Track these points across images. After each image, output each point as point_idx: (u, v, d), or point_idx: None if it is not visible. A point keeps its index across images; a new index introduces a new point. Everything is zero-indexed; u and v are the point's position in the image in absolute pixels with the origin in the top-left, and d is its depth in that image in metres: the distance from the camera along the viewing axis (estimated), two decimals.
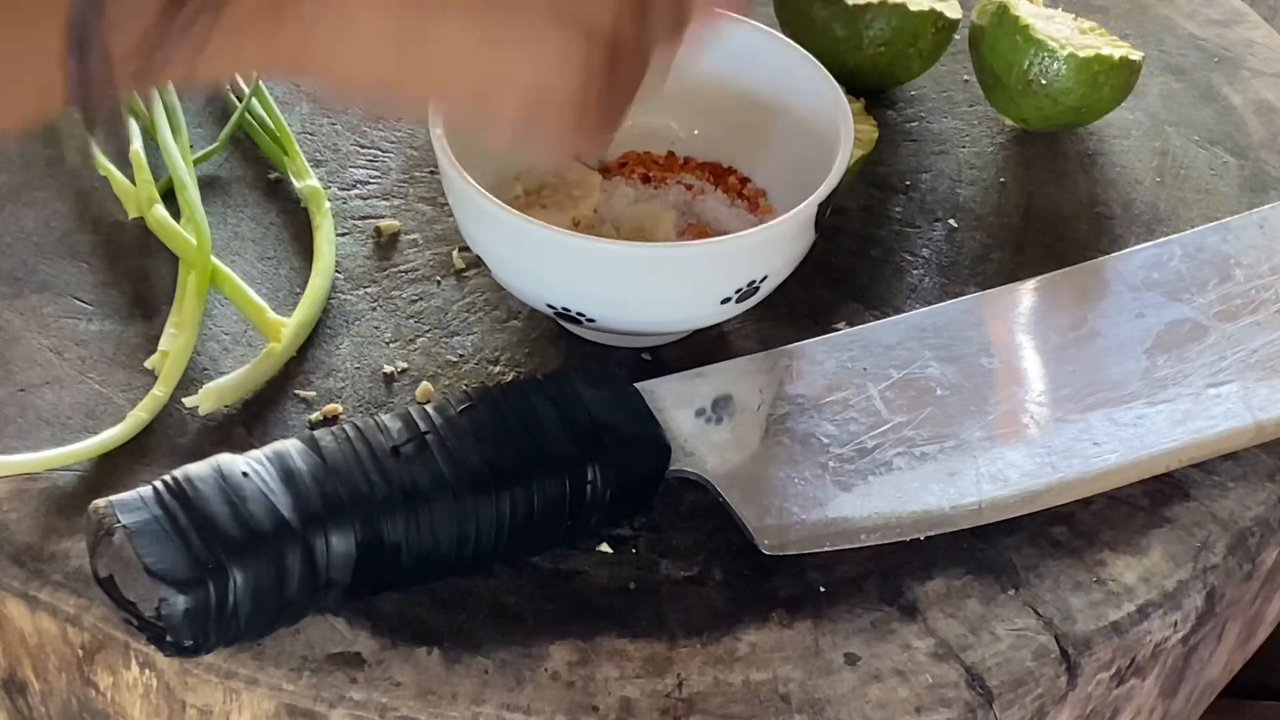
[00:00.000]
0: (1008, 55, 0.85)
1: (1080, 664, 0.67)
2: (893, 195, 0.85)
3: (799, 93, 0.77)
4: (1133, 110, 0.91)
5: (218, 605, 0.60)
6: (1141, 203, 0.87)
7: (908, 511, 0.69)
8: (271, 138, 0.84)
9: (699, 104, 0.80)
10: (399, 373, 0.75)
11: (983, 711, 0.65)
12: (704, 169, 0.80)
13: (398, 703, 0.63)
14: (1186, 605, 0.70)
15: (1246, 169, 0.89)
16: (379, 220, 0.82)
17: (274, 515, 0.61)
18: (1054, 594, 0.69)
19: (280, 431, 0.72)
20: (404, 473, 0.64)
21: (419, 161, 0.85)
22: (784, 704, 0.64)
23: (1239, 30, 0.98)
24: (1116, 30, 0.92)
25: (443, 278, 0.79)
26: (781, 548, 0.68)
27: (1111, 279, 0.79)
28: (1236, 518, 0.72)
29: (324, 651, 0.64)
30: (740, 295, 0.71)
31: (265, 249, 0.80)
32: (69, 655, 0.66)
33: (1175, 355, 0.76)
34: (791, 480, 0.70)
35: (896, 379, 0.74)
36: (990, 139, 0.90)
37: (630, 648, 0.65)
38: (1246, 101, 0.93)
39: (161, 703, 0.65)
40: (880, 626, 0.67)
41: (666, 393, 0.71)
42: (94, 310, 0.76)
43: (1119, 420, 0.73)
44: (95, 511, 0.62)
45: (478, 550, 0.65)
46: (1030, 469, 0.71)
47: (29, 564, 0.66)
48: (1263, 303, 0.78)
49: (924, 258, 0.83)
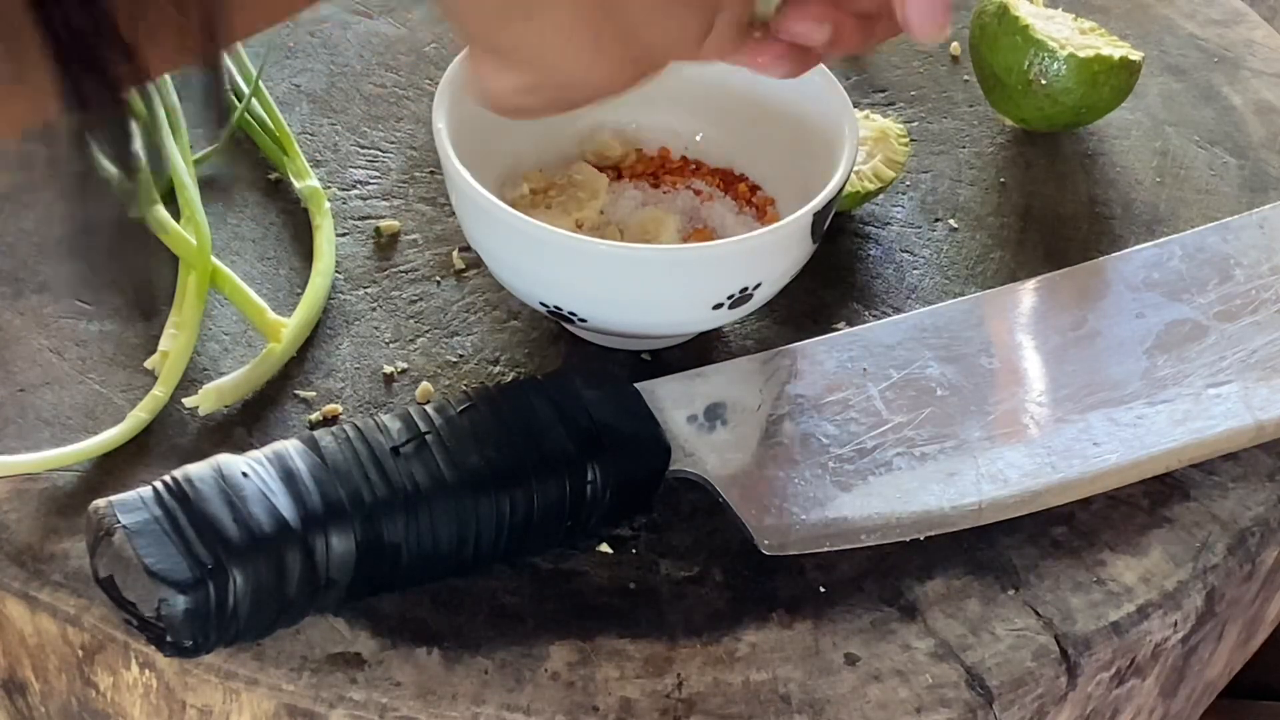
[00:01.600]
0: (1008, 55, 0.85)
1: (1080, 664, 0.67)
2: (893, 195, 0.85)
3: (808, 101, 0.77)
4: (1133, 110, 0.91)
5: (218, 605, 0.60)
6: (1141, 203, 0.87)
7: (908, 511, 0.69)
8: (271, 138, 0.84)
9: (711, 110, 0.80)
10: (399, 373, 0.75)
11: (983, 711, 0.65)
12: (715, 175, 0.80)
13: (398, 703, 0.63)
14: (1186, 605, 0.70)
15: (1246, 169, 0.89)
16: (379, 220, 0.82)
17: (274, 515, 0.61)
18: (1054, 594, 0.69)
19: (280, 431, 0.72)
20: (404, 473, 0.64)
21: (419, 161, 0.85)
22: (784, 704, 0.64)
23: (1239, 30, 0.98)
24: (1116, 30, 0.92)
25: (443, 278, 0.79)
26: (781, 548, 0.68)
27: (1111, 279, 0.79)
28: (1236, 518, 0.72)
29: (324, 651, 0.64)
30: (733, 301, 0.71)
31: (265, 249, 0.80)
32: (69, 655, 0.66)
33: (1175, 355, 0.76)
34: (791, 480, 0.70)
35: (896, 379, 0.74)
36: (990, 139, 0.90)
37: (630, 648, 0.65)
38: (1246, 101, 0.93)
39: (161, 703, 0.65)
40: (880, 626, 0.67)
41: (666, 393, 0.71)
42: (94, 310, 0.76)
43: (1119, 420, 0.73)
44: (95, 511, 0.62)
45: (478, 550, 0.65)
46: (1030, 469, 0.71)
47: (29, 564, 0.66)
48: (1263, 303, 0.78)
49: (924, 258, 0.83)
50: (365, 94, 0.89)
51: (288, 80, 0.89)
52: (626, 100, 0.80)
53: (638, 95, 0.80)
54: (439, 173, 0.84)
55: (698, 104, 0.81)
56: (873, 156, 0.82)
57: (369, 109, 0.88)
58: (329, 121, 0.87)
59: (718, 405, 0.71)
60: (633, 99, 0.80)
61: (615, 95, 0.62)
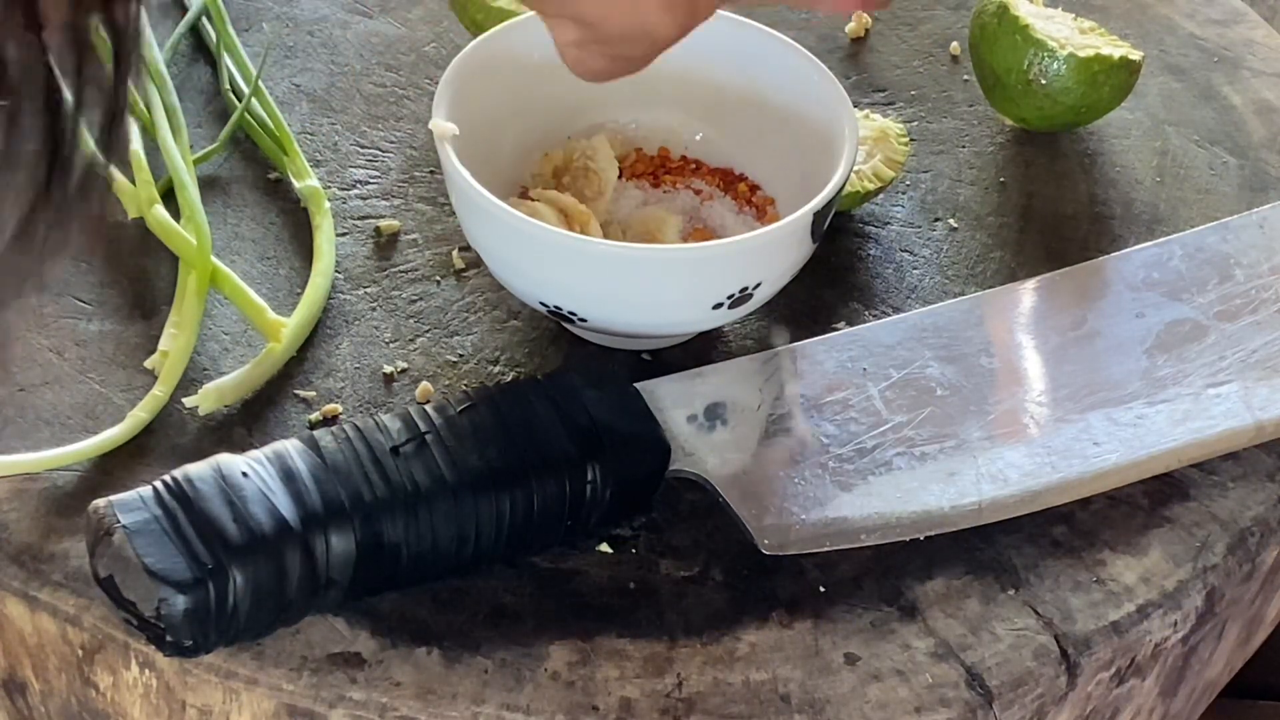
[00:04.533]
0: (1008, 55, 0.85)
1: (1080, 664, 0.67)
2: (893, 195, 0.85)
3: (808, 101, 0.77)
4: (1133, 110, 0.91)
5: (218, 605, 0.60)
6: (1141, 203, 0.87)
7: (908, 511, 0.69)
8: (271, 138, 0.84)
9: (711, 110, 0.80)
10: (399, 373, 0.75)
11: (983, 711, 0.65)
12: (715, 175, 0.80)
13: (398, 703, 0.63)
14: (1186, 605, 0.70)
15: (1246, 169, 0.89)
16: (379, 220, 0.82)
17: (274, 515, 0.61)
18: (1054, 594, 0.69)
19: (280, 431, 0.72)
20: (404, 473, 0.64)
21: (419, 161, 0.85)
22: (784, 704, 0.64)
23: (1239, 30, 0.98)
24: (1116, 30, 0.92)
25: (443, 278, 0.79)
26: (781, 548, 0.68)
27: (1111, 279, 0.79)
28: (1236, 518, 0.72)
29: (324, 651, 0.64)
30: (733, 301, 0.71)
31: (265, 249, 0.80)
32: (69, 655, 0.66)
33: (1175, 355, 0.76)
34: (791, 480, 0.70)
35: (896, 379, 0.74)
36: (990, 139, 0.90)
37: (630, 648, 0.65)
38: (1246, 101, 0.93)
39: (161, 703, 0.65)
40: (880, 626, 0.67)
41: (666, 393, 0.71)
42: (94, 310, 0.76)
43: (1119, 420, 0.73)
44: (95, 511, 0.62)
45: (478, 550, 0.65)
46: (1030, 469, 0.71)
47: (29, 564, 0.66)
48: (1263, 303, 0.78)
49: (924, 258, 0.83)
50: (365, 94, 0.89)
51: (288, 80, 0.89)
52: (626, 100, 0.81)
53: (638, 95, 0.80)
54: (439, 172, 0.84)
55: (698, 104, 0.81)
56: (872, 156, 0.82)
57: (369, 109, 0.88)
58: (329, 121, 0.87)
59: (718, 405, 0.71)
60: (633, 99, 0.81)
61: (670, 43, 0.62)
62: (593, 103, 0.80)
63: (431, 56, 0.91)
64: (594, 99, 0.79)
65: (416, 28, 0.93)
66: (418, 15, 0.94)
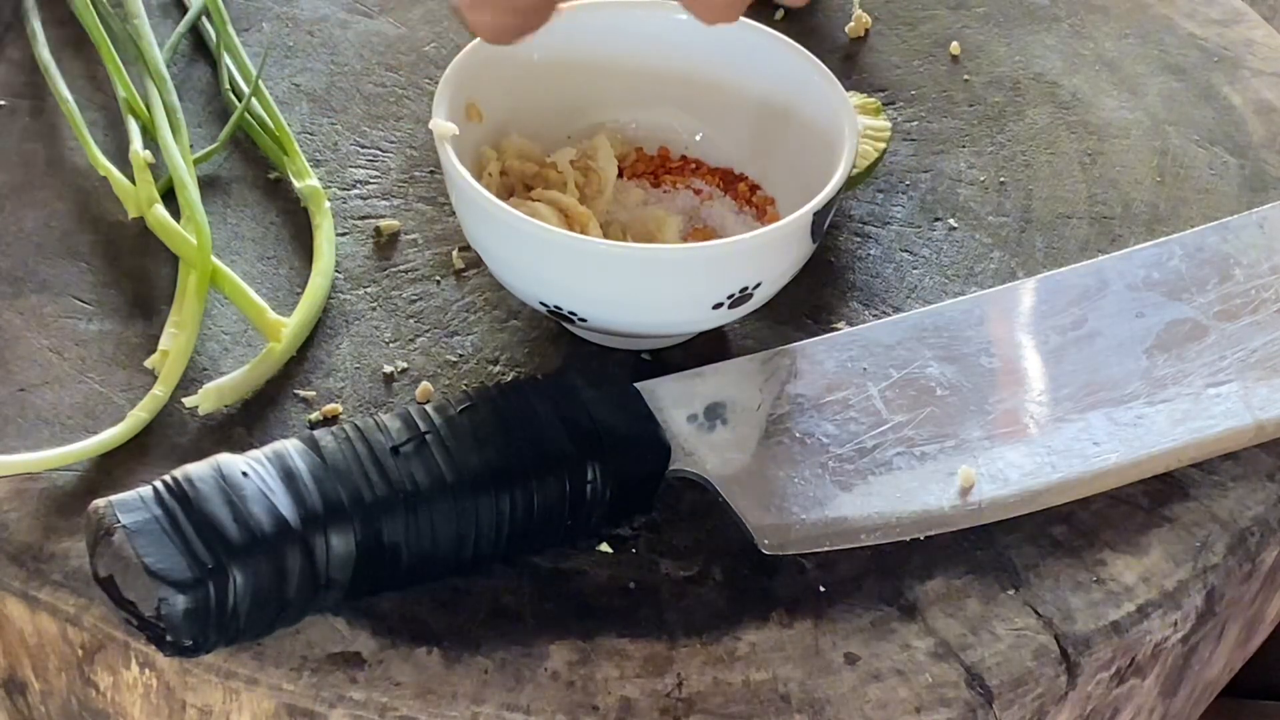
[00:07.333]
0: None
1: (1080, 664, 0.67)
2: (893, 195, 0.85)
3: (808, 101, 0.77)
4: (1133, 110, 0.91)
5: (218, 605, 0.60)
6: (1141, 203, 0.87)
7: (908, 511, 0.69)
8: (271, 138, 0.84)
9: (711, 110, 0.80)
10: (399, 373, 0.75)
11: (983, 711, 0.65)
12: (715, 174, 0.80)
13: (398, 703, 0.63)
14: (1186, 605, 0.70)
15: (1246, 169, 0.89)
16: (379, 220, 0.82)
17: (274, 515, 0.61)
18: (1054, 594, 0.69)
19: (280, 431, 0.72)
20: (404, 473, 0.64)
21: (419, 161, 0.85)
22: (784, 704, 0.64)
23: (1239, 30, 0.98)
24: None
25: (443, 278, 0.79)
26: (781, 548, 0.68)
27: (1111, 279, 0.79)
28: (1236, 517, 0.72)
29: (324, 651, 0.64)
30: (733, 301, 0.71)
31: (265, 249, 0.80)
32: (69, 655, 0.66)
33: (1175, 355, 0.76)
34: (791, 480, 0.70)
35: (896, 379, 0.74)
36: (990, 139, 0.90)
37: (630, 647, 0.65)
38: (1246, 101, 0.93)
39: (161, 703, 0.65)
40: (880, 626, 0.67)
41: (666, 393, 0.71)
42: (94, 310, 0.76)
43: (1119, 420, 0.73)
44: (95, 511, 0.62)
45: (478, 550, 0.65)
46: (1030, 469, 0.71)
47: (29, 564, 0.66)
48: (1263, 302, 0.78)
49: (924, 258, 0.83)
50: (365, 94, 0.89)
51: (288, 80, 0.89)
52: (626, 100, 0.81)
53: (638, 95, 0.80)
54: (439, 172, 0.84)
55: (698, 104, 0.81)
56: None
57: (369, 109, 0.88)
58: (329, 121, 0.87)
59: (718, 405, 0.71)
60: (633, 99, 0.81)
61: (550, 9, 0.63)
62: (593, 103, 0.80)
63: (431, 56, 0.91)
64: (594, 99, 0.80)
65: (416, 28, 0.93)
66: (418, 15, 0.94)
